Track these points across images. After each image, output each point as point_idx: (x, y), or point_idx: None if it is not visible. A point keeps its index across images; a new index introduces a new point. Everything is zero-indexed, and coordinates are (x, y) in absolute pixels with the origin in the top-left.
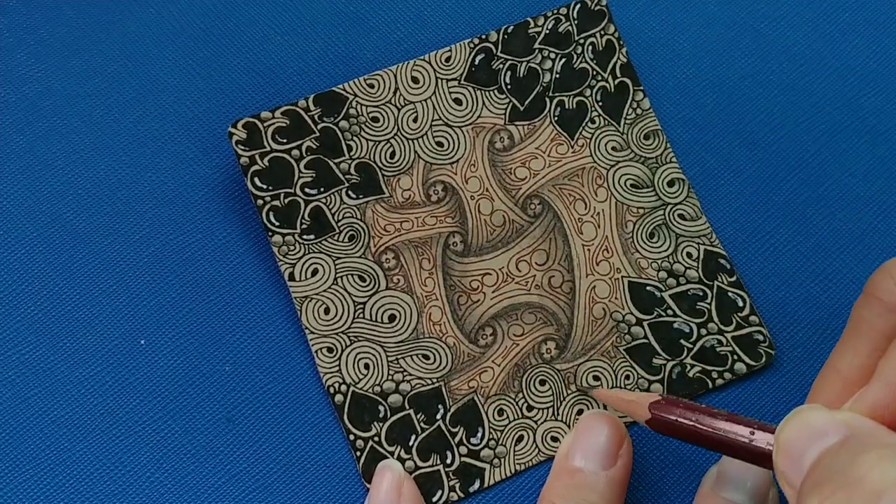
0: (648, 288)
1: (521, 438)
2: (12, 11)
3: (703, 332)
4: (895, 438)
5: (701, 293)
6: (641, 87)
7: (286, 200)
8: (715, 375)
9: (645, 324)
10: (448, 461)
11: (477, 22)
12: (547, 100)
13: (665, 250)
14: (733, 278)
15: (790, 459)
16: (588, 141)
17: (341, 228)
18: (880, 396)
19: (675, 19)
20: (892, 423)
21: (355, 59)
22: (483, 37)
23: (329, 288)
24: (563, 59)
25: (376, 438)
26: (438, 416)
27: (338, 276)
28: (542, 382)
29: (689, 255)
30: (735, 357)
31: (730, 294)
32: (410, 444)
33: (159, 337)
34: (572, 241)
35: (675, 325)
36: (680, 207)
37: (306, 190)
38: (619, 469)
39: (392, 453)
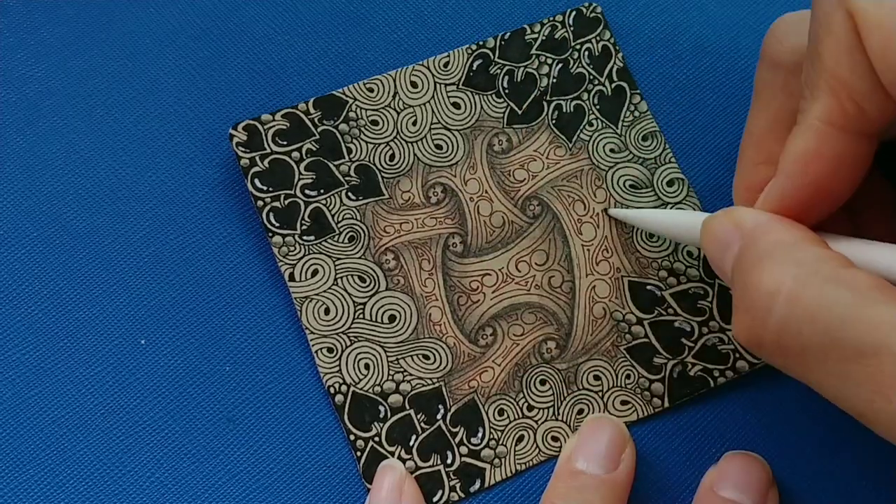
0: (649, 287)
1: (521, 438)
2: (12, 11)
3: (705, 330)
4: (783, 233)
5: (702, 292)
6: (638, 91)
7: (286, 202)
8: (717, 374)
9: (645, 323)
10: (448, 461)
11: (477, 22)
12: (544, 104)
13: (665, 249)
14: None
15: (719, 271)
16: (586, 143)
17: (341, 229)
18: (783, 186)
19: (675, 20)
20: (798, 213)
21: (355, 60)
22: (480, 43)
23: (329, 288)
24: (560, 65)
25: (377, 438)
26: (439, 416)
27: (338, 276)
28: (543, 382)
29: (689, 253)
30: (737, 355)
31: (731, 292)
32: (411, 444)
33: (159, 337)
34: (572, 242)
35: (676, 324)
36: (680, 207)
37: (306, 191)
38: (621, 472)
39: (392, 453)
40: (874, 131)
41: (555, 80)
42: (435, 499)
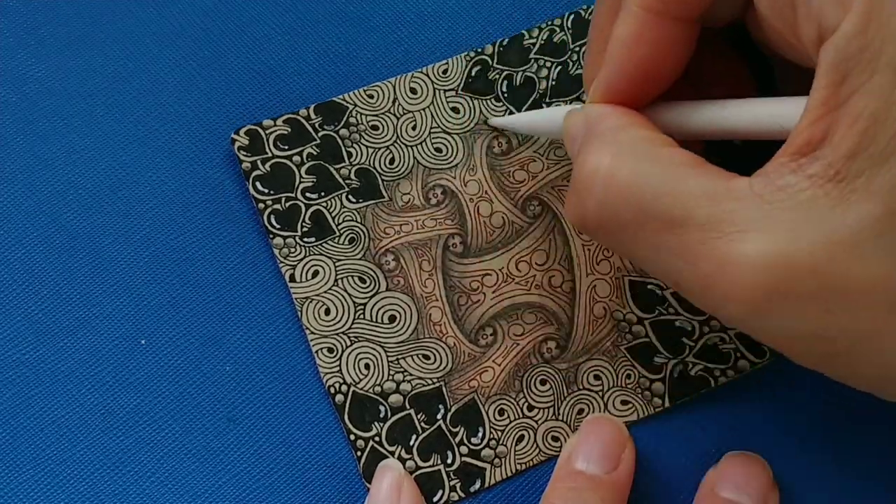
0: (649, 286)
1: (521, 438)
2: (12, 11)
3: (706, 329)
4: (614, 118)
5: None
6: None
7: (287, 204)
8: (717, 373)
9: (646, 322)
10: (449, 461)
11: (477, 22)
12: (544, 106)
13: None
14: None
15: (572, 159)
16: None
17: (341, 231)
18: (610, 73)
19: None
20: (627, 97)
21: (355, 60)
22: (479, 50)
23: (330, 289)
24: (559, 67)
25: (377, 438)
26: (439, 416)
27: (338, 277)
28: (543, 382)
29: None
30: (738, 354)
31: None
32: (411, 444)
33: (160, 337)
34: (572, 241)
35: (677, 324)
36: None
37: (307, 194)
38: (620, 472)
39: (393, 453)
40: (693, 16)
41: (554, 83)
42: (435, 499)
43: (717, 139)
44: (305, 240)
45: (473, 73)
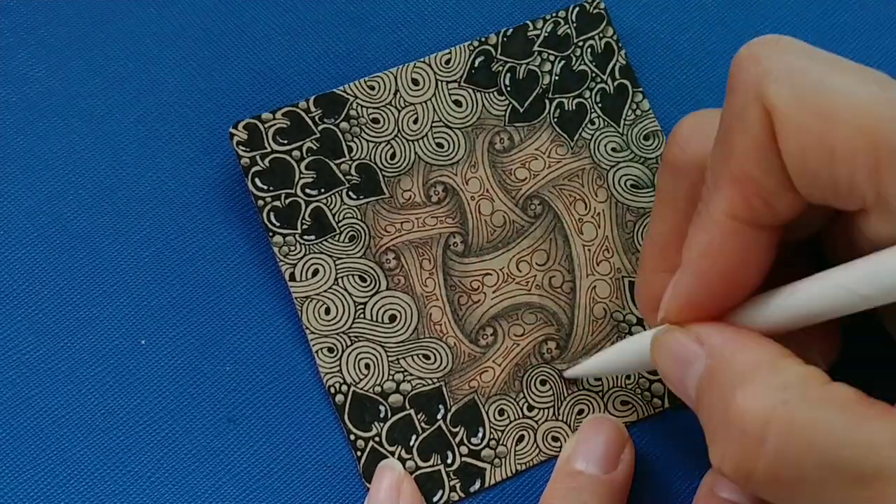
0: None
1: (521, 438)
2: (12, 11)
3: None
4: (748, 355)
5: None
6: (641, 89)
7: (287, 201)
8: None
9: (646, 323)
10: (449, 461)
11: (477, 22)
12: (546, 101)
13: None
14: None
15: (677, 388)
16: (587, 142)
17: (342, 229)
18: (689, 284)
19: (675, 20)
20: (709, 306)
21: (355, 59)
22: (482, 39)
23: (330, 288)
24: (563, 62)
25: (377, 438)
26: (439, 416)
27: (338, 276)
28: (543, 382)
29: None
30: None
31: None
32: (411, 444)
33: (160, 337)
34: (573, 242)
35: None
36: None
37: (307, 191)
38: (620, 473)
39: (393, 453)
40: (780, 224)
41: (557, 78)
42: (435, 499)
43: (792, 329)
44: (305, 238)
45: (477, 65)
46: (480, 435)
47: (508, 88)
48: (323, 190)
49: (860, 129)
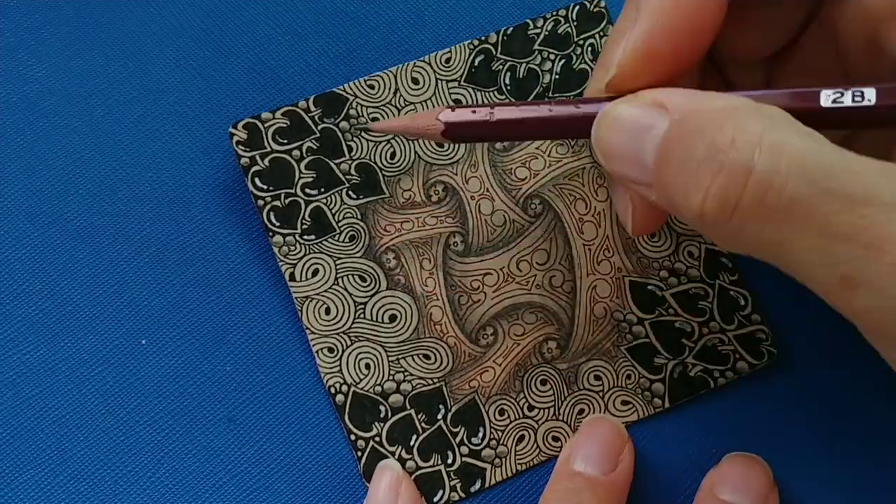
0: (649, 287)
1: (522, 438)
2: (12, 11)
3: (705, 330)
4: (722, 99)
5: (702, 292)
6: None
7: (287, 201)
8: (717, 374)
9: (646, 323)
10: (449, 461)
11: (477, 22)
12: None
13: (666, 249)
14: (735, 277)
15: (626, 164)
16: (588, 141)
17: (342, 229)
18: (647, 28)
19: None
20: (667, 56)
21: (355, 59)
22: (483, 38)
23: (330, 288)
24: (563, 61)
25: (377, 438)
26: (439, 416)
27: (338, 276)
28: (543, 382)
29: (690, 254)
30: (737, 356)
31: (731, 292)
32: (411, 444)
33: (160, 337)
34: (573, 241)
35: (677, 325)
36: None
37: (307, 190)
38: (619, 473)
39: (393, 453)
40: None
41: (557, 77)
42: (435, 499)
43: None
44: (305, 237)
45: (476, 63)
46: (481, 435)
47: (509, 87)
48: (323, 189)
49: None
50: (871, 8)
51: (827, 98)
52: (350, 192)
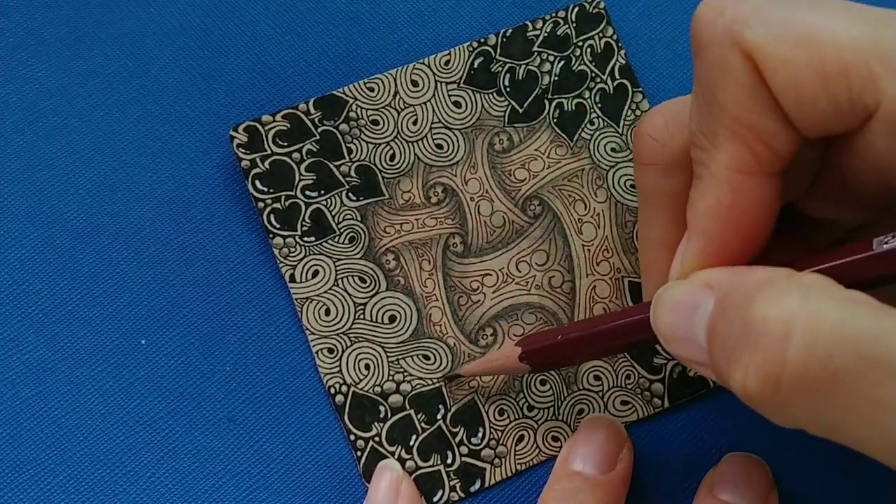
0: None
1: (521, 438)
2: (12, 11)
3: None
4: (760, 273)
5: None
6: (640, 89)
7: (287, 203)
8: None
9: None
10: (449, 461)
11: (477, 22)
12: (546, 102)
13: None
14: None
15: (684, 345)
16: (587, 142)
17: (341, 230)
18: (702, 248)
19: (675, 20)
20: (724, 263)
21: (355, 60)
22: (482, 40)
23: (330, 289)
24: (562, 62)
25: (377, 439)
26: (439, 416)
27: (338, 277)
28: (543, 382)
29: None
30: None
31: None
32: (411, 444)
33: (160, 337)
34: (572, 242)
35: None
36: None
37: (307, 192)
38: (618, 473)
39: (393, 453)
40: (784, 169)
41: (556, 78)
42: (435, 499)
43: None
44: (305, 239)
45: (476, 65)
46: (480, 435)
47: (508, 89)
48: (323, 191)
49: (844, 46)
50: (881, 157)
51: (879, 244)
52: (350, 194)
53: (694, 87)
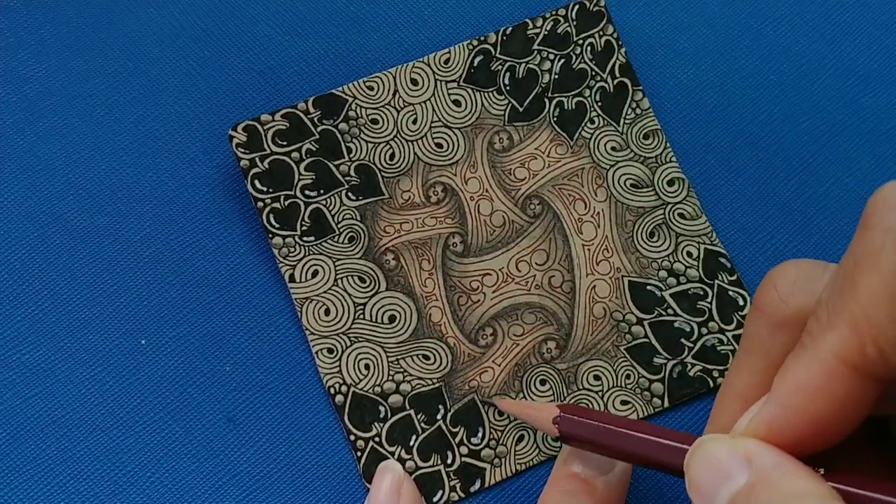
0: (649, 287)
1: (521, 438)
2: (13, 11)
3: (704, 331)
4: (799, 483)
5: (701, 292)
6: (640, 87)
7: (286, 202)
8: (716, 374)
9: (645, 323)
10: (449, 461)
11: (477, 22)
12: (546, 100)
13: (665, 249)
14: (734, 277)
15: (703, 498)
16: (587, 141)
17: (341, 230)
18: (775, 417)
19: (676, 19)
20: (788, 445)
21: (355, 59)
22: (482, 38)
23: (329, 289)
24: (562, 60)
25: (377, 439)
26: (439, 417)
27: (338, 277)
28: (543, 382)
29: (689, 254)
30: None
31: (730, 293)
32: (411, 444)
33: (160, 337)
34: (572, 241)
35: (676, 325)
36: (680, 207)
37: (306, 192)
38: (617, 474)
39: (393, 453)
40: (887, 377)
41: (556, 77)
42: (435, 499)
43: None
44: (305, 239)
45: (476, 64)
46: (480, 435)
47: (508, 88)
48: (322, 191)
49: None
50: None
51: None
52: (349, 194)
53: (842, 259)
